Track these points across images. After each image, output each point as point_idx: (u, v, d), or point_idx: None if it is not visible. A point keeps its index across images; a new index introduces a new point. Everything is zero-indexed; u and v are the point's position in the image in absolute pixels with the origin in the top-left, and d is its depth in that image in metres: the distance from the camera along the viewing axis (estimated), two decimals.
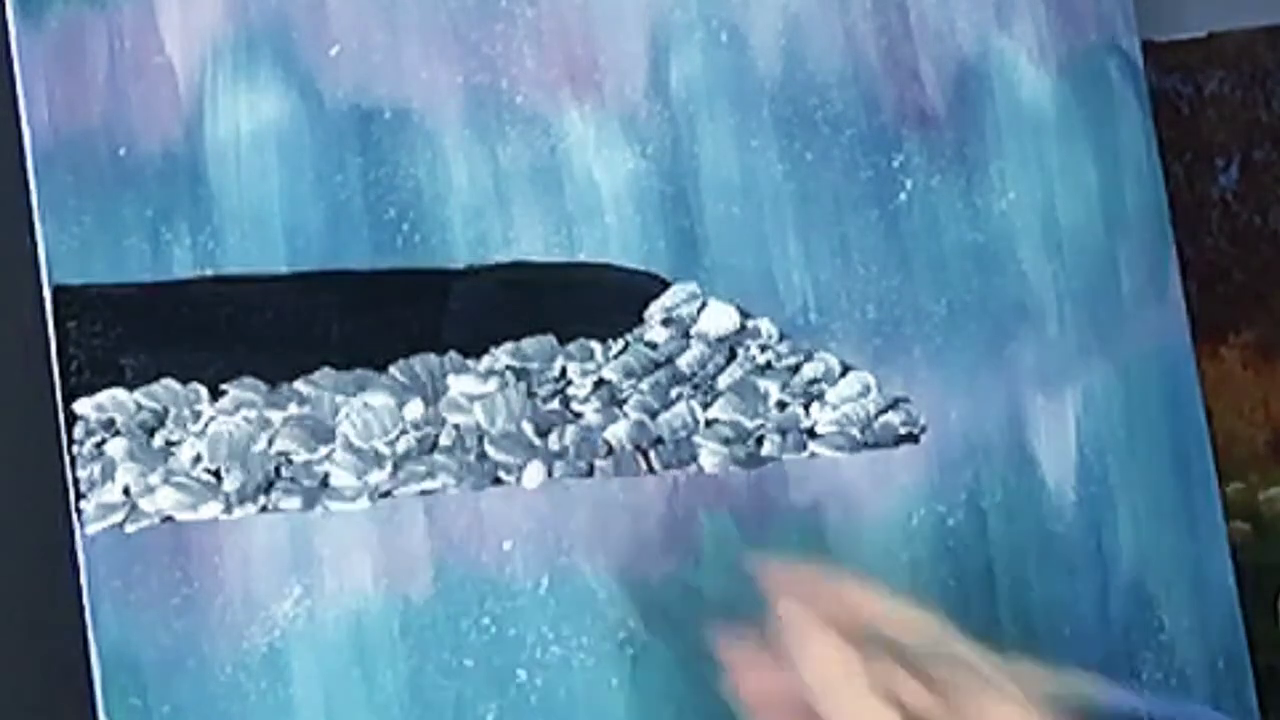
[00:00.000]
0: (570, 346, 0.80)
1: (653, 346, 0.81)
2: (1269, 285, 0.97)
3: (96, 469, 0.74)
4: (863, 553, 0.82)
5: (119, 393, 0.74)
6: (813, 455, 0.82)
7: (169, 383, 0.75)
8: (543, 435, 0.79)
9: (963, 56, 0.87)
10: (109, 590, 0.73)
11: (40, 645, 0.81)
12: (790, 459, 0.82)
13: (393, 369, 0.77)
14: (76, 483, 0.73)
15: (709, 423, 0.81)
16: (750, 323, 0.82)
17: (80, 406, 0.74)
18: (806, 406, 0.82)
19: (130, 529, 0.73)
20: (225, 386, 0.75)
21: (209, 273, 0.76)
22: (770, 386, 0.82)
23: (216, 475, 0.75)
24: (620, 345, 0.80)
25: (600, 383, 0.80)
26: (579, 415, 0.79)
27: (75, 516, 0.73)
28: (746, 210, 0.83)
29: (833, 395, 0.83)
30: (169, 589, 0.74)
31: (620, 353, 0.80)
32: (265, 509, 0.75)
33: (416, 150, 0.79)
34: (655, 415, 0.80)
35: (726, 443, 0.81)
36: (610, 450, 0.79)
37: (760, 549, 0.81)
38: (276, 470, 0.75)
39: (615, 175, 0.81)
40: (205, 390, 0.75)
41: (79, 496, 0.73)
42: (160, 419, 0.75)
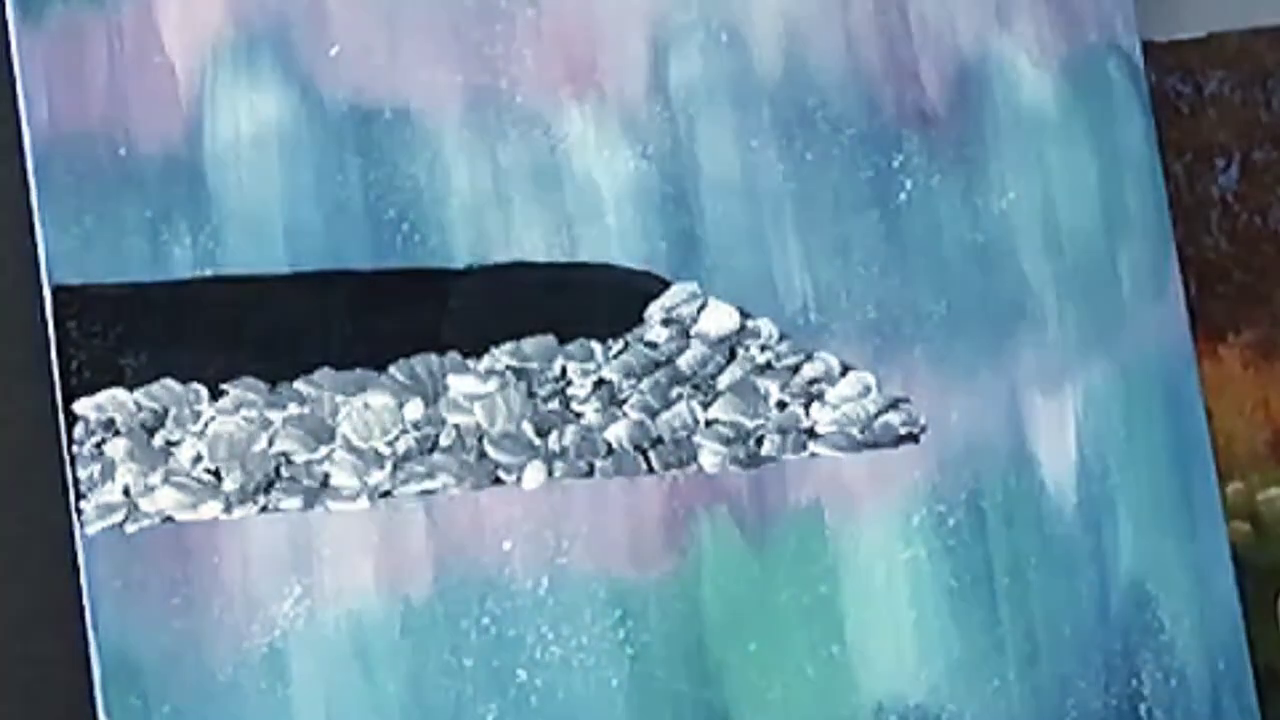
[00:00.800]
0: (570, 346, 0.80)
1: (653, 346, 0.81)
2: (1269, 285, 0.97)
3: (96, 469, 0.74)
4: (862, 553, 0.82)
5: (119, 393, 0.74)
6: (813, 455, 0.82)
7: (169, 383, 0.75)
8: (543, 435, 0.79)
9: (963, 56, 0.87)
10: (109, 590, 0.73)
11: (40, 645, 0.81)
12: (790, 459, 0.82)
13: (393, 369, 0.77)
14: (76, 483, 0.73)
15: (709, 423, 0.81)
16: (750, 323, 0.82)
17: (80, 406, 0.74)
18: (806, 406, 0.82)
19: (130, 529, 0.73)
20: (225, 386, 0.75)
21: (209, 273, 0.76)
22: (770, 386, 0.82)
23: (216, 475, 0.75)
24: (620, 345, 0.81)
25: (600, 383, 0.80)
26: (579, 415, 0.79)
27: (75, 516, 0.73)
28: (746, 210, 0.83)
29: (833, 395, 0.83)
30: (169, 589, 0.74)
31: (620, 353, 0.80)
32: (265, 509, 0.75)
33: (416, 150, 0.79)
34: (655, 415, 0.80)
35: (726, 443, 0.81)
36: (610, 450, 0.79)
37: (760, 549, 0.81)
38: (276, 470, 0.75)
39: (615, 175, 0.81)
40: (205, 390, 0.75)
41: (79, 496, 0.73)
42: (160, 419, 0.75)
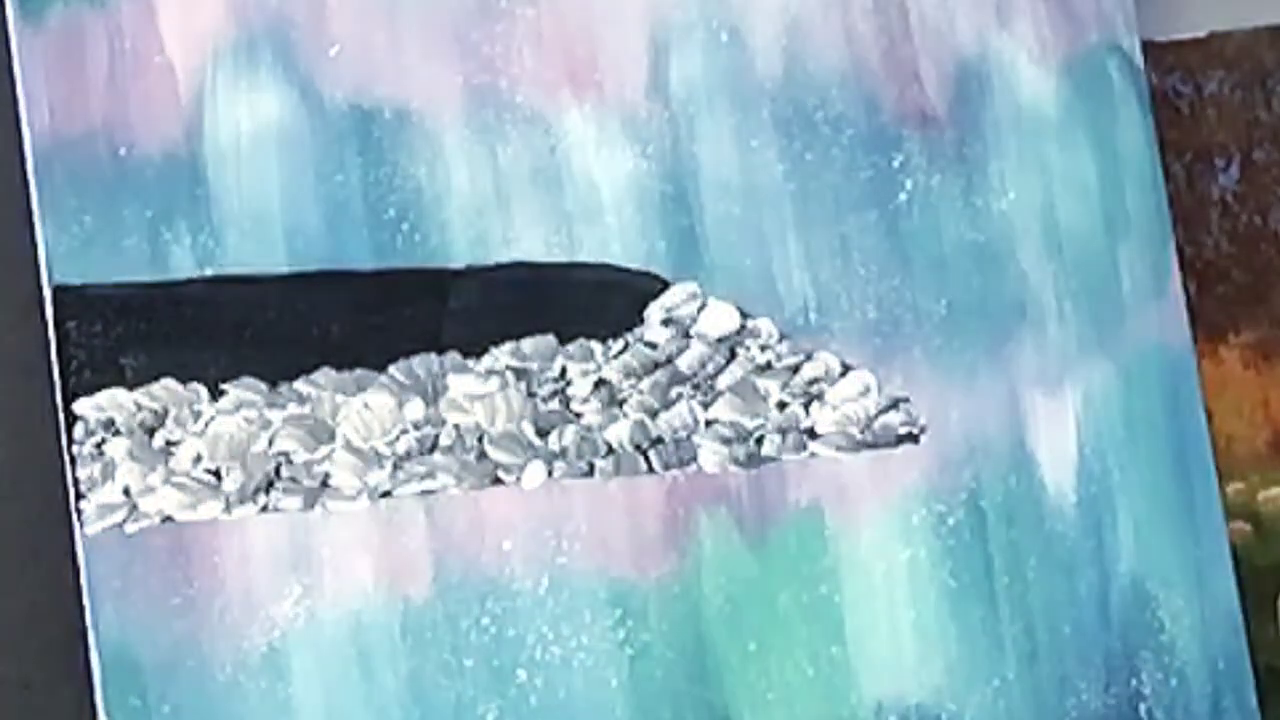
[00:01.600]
0: (570, 346, 0.80)
1: (653, 346, 0.81)
2: (1269, 285, 0.97)
3: (96, 469, 0.74)
4: (862, 553, 0.82)
5: (119, 393, 0.74)
6: (813, 455, 0.82)
7: (169, 383, 0.75)
8: (543, 435, 0.79)
9: (963, 56, 0.87)
10: (109, 590, 0.73)
11: (40, 645, 0.81)
12: (790, 459, 0.82)
13: (393, 369, 0.77)
14: (76, 483, 0.73)
15: (709, 423, 0.81)
16: (750, 323, 0.82)
17: (80, 406, 0.74)
18: (806, 406, 0.82)
19: (130, 529, 0.73)
20: (225, 386, 0.75)
21: (209, 273, 0.76)
22: (770, 386, 0.82)
23: (216, 475, 0.75)
24: (620, 345, 0.80)
25: (600, 383, 0.80)
26: (579, 415, 0.79)
27: (75, 516, 0.73)
28: (746, 210, 0.83)
29: (833, 395, 0.83)
30: (169, 589, 0.74)
31: (620, 353, 0.80)
32: (265, 509, 0.75)
33: (416, 150, 0.79)
34: (655, 415, 0.80)
35: (726, 443, 0.81)
36: (610, 450, 0.79)
37: (760, 549, 0.81)
38: (276, 470, 0.75)
39: (615, 175, 0.81)
40: (205, 390, 0.75)
41: (79, 496, 0.73)
42: (160, 419, 0.75)
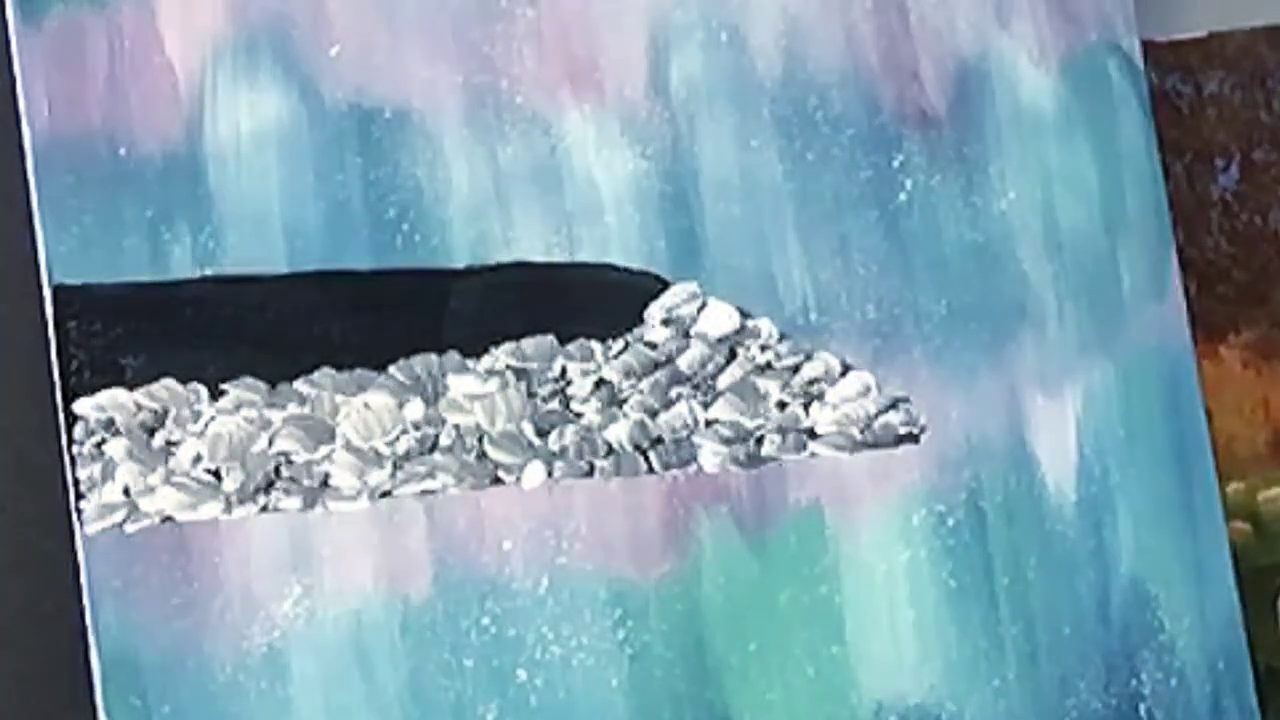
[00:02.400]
0: (570, 346, 0.80)
1: (653, 346, 0.81)
2: (1269, 285, 0.97)
3: (96, 469, 0.74)
4: (862, 553, 0.82)
5: (119, 393, 0.74)
6: (813, 455, 0.82)
7: (169, 383, 0.75)
8: (543, 435, 0.79)
9: (963, 56, 0.87)
10: (109, 590, 0.73)
11: (40, 645, 0.81)
12: (790, 459, 0.82)
13: (393, 369, 0.77)
14: (76, 483, 0.73)
15: (709, 423, 0.81)
16: (750, 323, 0.82)
17: (80, 406, 0.74)
18: (806, 406, 0.82)
19: (130, 529, 0.73)
20: (225, 386, 0.75)
21: (209, 273, 0.76)
22: (770, 386, 0.82)
23: (216, 475, 0.75)
24: (620, 345, 0.80)
25: (600, 383, 0.80)
26: (579, 415, 0.79)
27: (75, 516, 0.73)
28: (746, 210, 0.83)
29: (833, 395, 0.83)
30: (169, 589, 0.74)
31: (620, 353, 0.80)
32: (265, 509, 0.75)
33: (416, 150, 0.79)
34: (655, 415, 0.80)
35: (726, 443, 0.81)
36: (610, 450, 0.79)
37: (760, 549, 0.81)
38: (276, 470, 0.75)
39: (615, 175, 0.81)
40: (205, 390, 0.75)
41: (79, 496, 0.73)
42: (160, 419, 0.75)
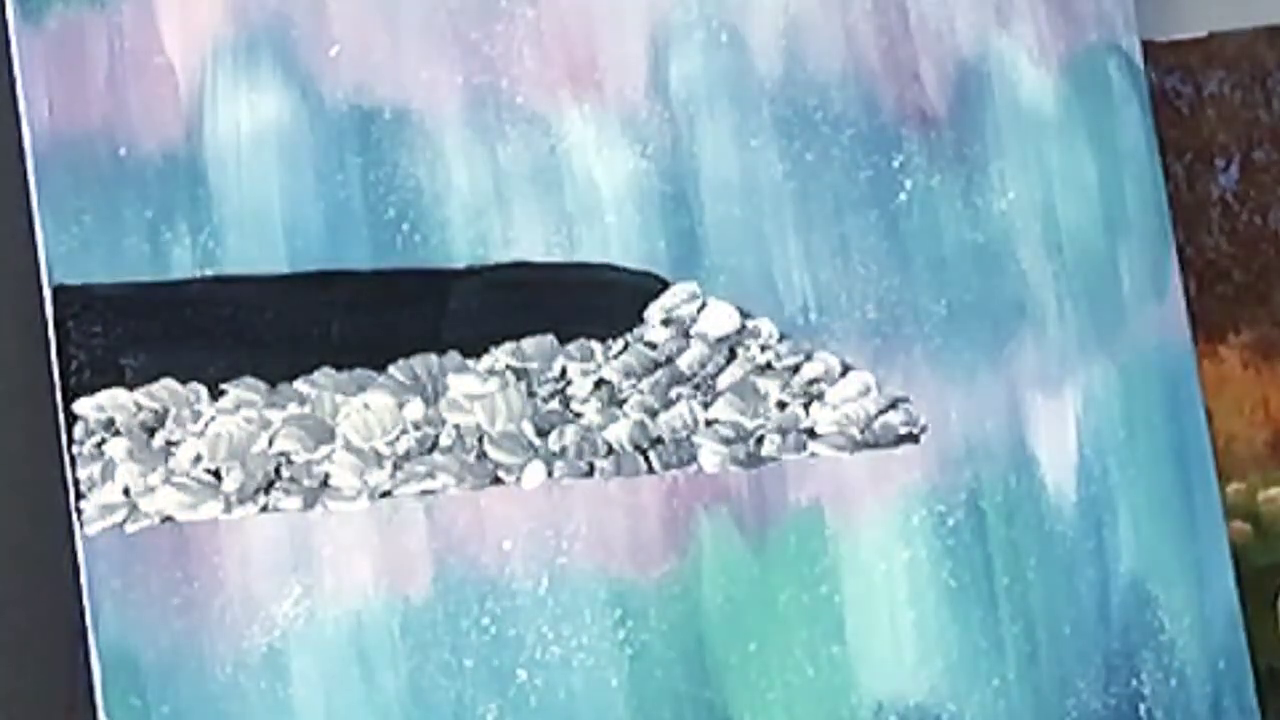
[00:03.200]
0: (570, 346, 0.80)
1: (653, 346, 0.81)
2: (1269, 285, 0.97)
3: (96, 469, 0.74)
4: (862, 553, 0.82)
5: (119, 393, 0.74)
6: (813, 455, 0.82)
7: (169, 383, 0.75)
8: (543, 435, 0.79)
9: (963, 56, 0.87)
10: (109, 590, 0.73)
11: (40, 645, 0.81)
12: (790, 459, 0.82)
13: (393, 369, 0.77)
14: (76, 483, 0.73)
15: (709, 423, 0.81)
16: (750, 323, 0.82)
17: (80, 406, 0.74)
18: (806, 406, 0.82)
19: (130, 529, 0.73)
20: (225, 386, 0.75)
21: (209, 273, 0.76)
22: (770, 386, 0.82)
23: (216, 475, 0.75)
24: (620, 345, 0.80)
25: (600, 383, 0.80)
26: (579, 415, 0.79)
27: (75, 516, 0.73)
28: (746, 210, 0.83)
29: (833, 395, 0.83)
30: (169, 589, 0.74)
31: (620, 353, 0.80)
32: (265, 509, 0.75)
33: (416, 150, 0.79)
34: (655, 415, 0.80)
35: (726, 443, 0.81)
36: (610, 450, 0.79)
37: (760, 549, 0.81)
38: (276, 470, 0.75)
39: (615, 175, 0.81)
40: (205, 390, 0.75)
41: (79, 496, 0.73)
42: (160, 419, 0.75)
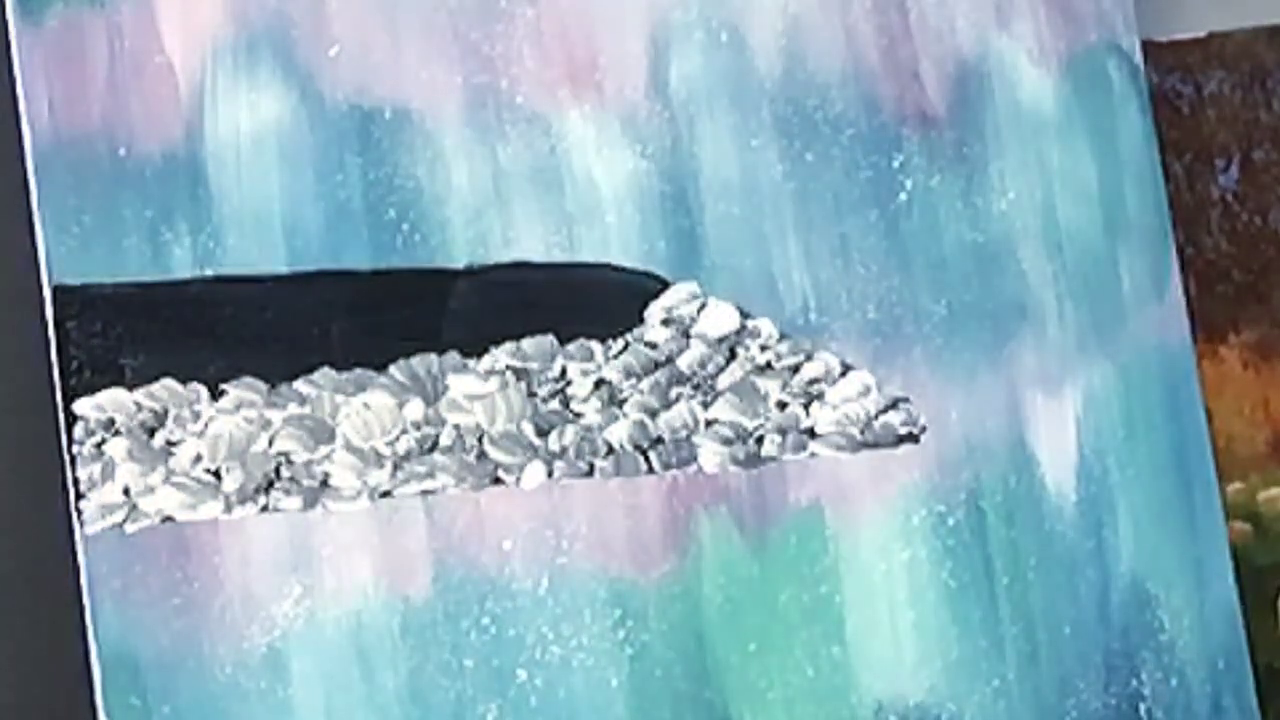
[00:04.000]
0: (570, 346, 0.80)
1: (653, 346, 0.81)
2: (1269, 285, 0.97)
3: (96, 469, 0.74)
4: (862, 553, 0.82)
5: (119, 393, 0.74)
6: (813, 455, 0.82)
7: (169, 383, 0.75)
8: (543, 435, 0.79)
9: (963, 56, 0.87)
10: (109, 590, 0.73)
11: (40, 645, 0.81)
12: (790, 459, 0.82)
13: (393, 369, 0.77)
14: (76, 483, 0.73)
15: (709, 423, 0.81)
16: (750, 323, 0.82)
17: (80, 406, 0.74)
18: (806, 406, 0.82)
19: (130, 529, 0.73)
20: (225, 386, 0.75)
21: (209, 273, 0.76)
22: (770, 386, 0.82)
23: (216, 475, 0.75)
24: (620, 345, 0.80)
25: (600, 383, 0.80)
26: (579, 415, 0.79)
27: (75, 516, 0.73)
28: (746, 210, 0.83)
29: (833, 395, 0.83)
30: (169, 589, 0.74)
31: (620, 353, 0.80)
32: (265, 509, 0.75)
33: (416, 150, 0.79)
34: (655, 415, 0.80)
35: (726, 443, 0.81)
36: (610, 450, 0.79)
37: (760, 549, 0.81)
38: (276, 470, 0.75)
39: (615, 175, 0.81)
40: (205, 390, 0.75)
41: (79, 496, 0.73)
42: (160, 419, 0.75)
